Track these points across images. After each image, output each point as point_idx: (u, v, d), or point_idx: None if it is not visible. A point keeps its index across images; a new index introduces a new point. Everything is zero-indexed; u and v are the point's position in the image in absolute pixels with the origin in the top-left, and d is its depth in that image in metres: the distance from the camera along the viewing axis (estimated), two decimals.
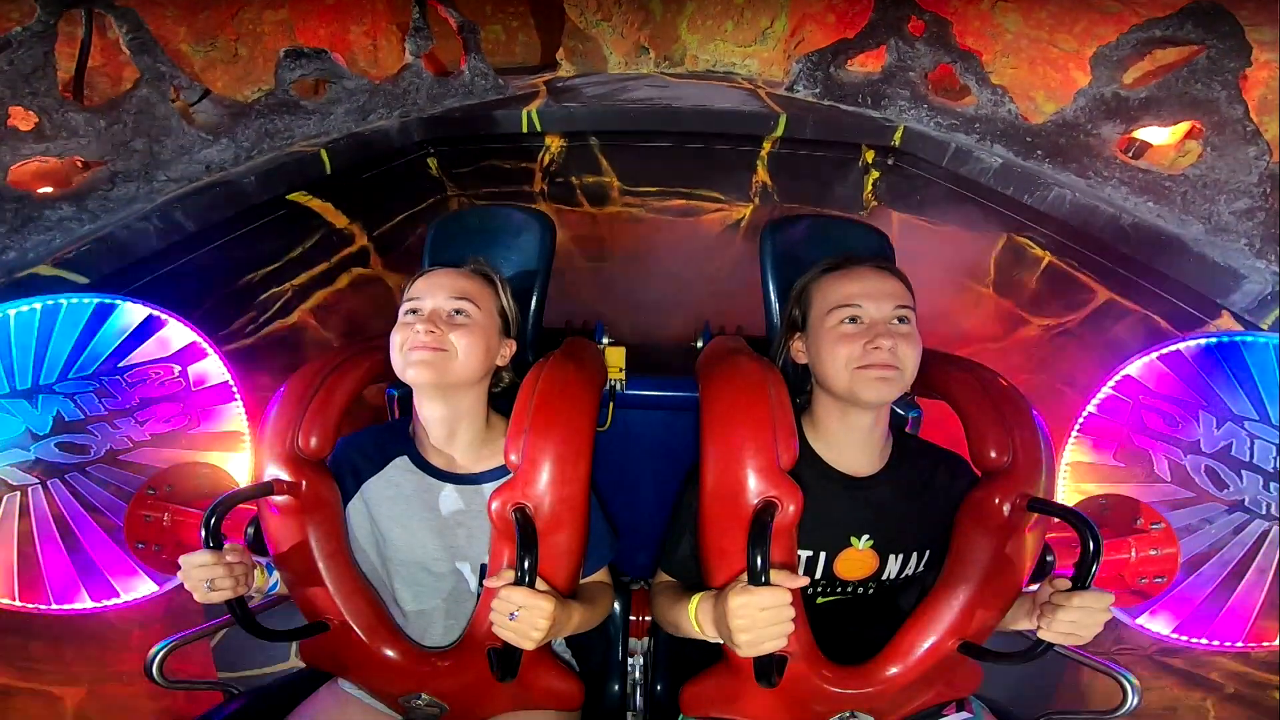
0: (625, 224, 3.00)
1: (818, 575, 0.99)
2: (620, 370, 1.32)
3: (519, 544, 0.88)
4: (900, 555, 0.99)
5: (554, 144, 2.84)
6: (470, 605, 1.04)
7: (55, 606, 1.27)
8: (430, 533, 1.03)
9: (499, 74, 2.97)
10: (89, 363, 1.31)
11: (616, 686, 1.26)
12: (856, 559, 0.99)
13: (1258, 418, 1.28)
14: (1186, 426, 1.32)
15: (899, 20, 2.60)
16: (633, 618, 1.28)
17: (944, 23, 2.53)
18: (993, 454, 0.95)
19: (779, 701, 0.93)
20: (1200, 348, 1.33)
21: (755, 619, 0.79)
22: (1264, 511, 1.28)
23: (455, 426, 1.03)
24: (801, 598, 0.90)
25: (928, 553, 1.00)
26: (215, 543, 0.88)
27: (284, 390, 1.04)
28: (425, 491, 1.04)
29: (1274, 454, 1.27)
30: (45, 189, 1.77)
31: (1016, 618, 0.95)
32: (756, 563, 0.79)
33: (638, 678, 1.27)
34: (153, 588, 1.31)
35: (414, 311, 1.01)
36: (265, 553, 1.02)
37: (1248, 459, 1.29)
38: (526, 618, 0.86)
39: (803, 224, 1.28)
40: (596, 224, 3.00)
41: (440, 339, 0.97)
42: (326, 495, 1.00)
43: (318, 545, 0.98)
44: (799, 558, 0.97)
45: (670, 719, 1.08)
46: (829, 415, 0.98)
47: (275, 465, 0.98)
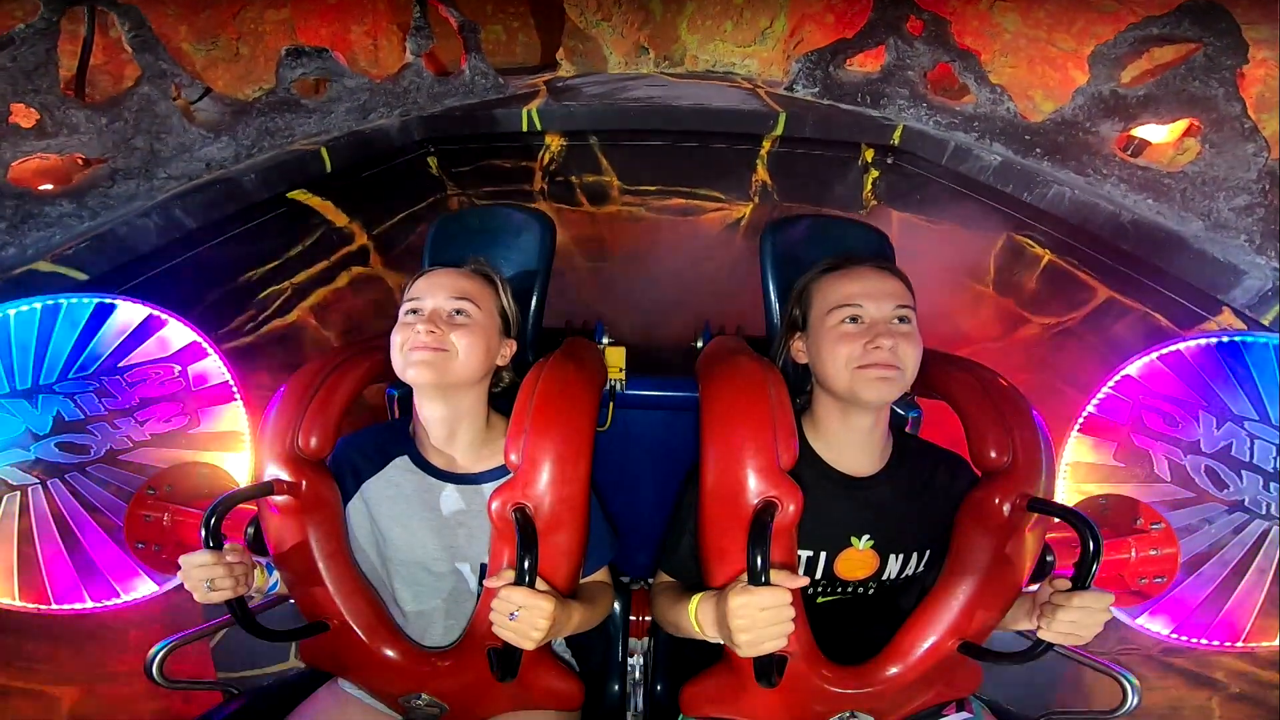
0: (625, 223, 3.00)
1: (818, 575, 0.99)
2: (620, 370, 1.32)
3: (519, 544, 0.88)
4: (900, 555, 0.99)
5: (554, 143, 2.84)
6: (470, 605, 1.04)
7: (55, 606, 1.27)
8: (430, 532, 1.03)
9: (499, 74, 2.97)
10: (89, 363, 1.31)
11: (616, 686, 1.26)
12: (857, 559, 0.99)
13: (1258, 418, 1.28)
14: (1186, 426, 1.32)
15: (898, 20, 2.59)
16: (633, 618, 1.28)
17: (943, 22, 2.52)
18: (993, 454, 0.95)
19: (779, 701, 0.93)
20: (1200, 348, 1.33)
21: (755, 619, 0.79)
22: (1264, 511, 1.28)
23: (455, 426, 1.03)
24: (801, 598, 0.90)
25: (928, 553, 1.00)
26: (215, 543, 0.88)
27: (284, 390, 1.04)
28: (425, 491, 1.04)
29: (1274, 454, 1.27)
30: (46, 186, 1.77)
31: (1016, 618, 0.95)
32: (756, 563, 0.79)
33: (638, 678, 1.27)
34: (153, 588, 1.31)
35: (414, 311, 1.01)
36: (265, 553, 1.02)
37: (1248, 459, 1.29)
38: (526, 618, 0.86)
39: (803, 224, 1.28)
40: (596, 223, 2.99)
41: (441, 339, 0.97)
42: (326, 495, 1.00)
43: (318, 545, 0.98)
44: (799, 558, 0.97)
45: (670, 719, 1.08)
46: (829, 415, 0.98)
47: (275, 465, 0.98)
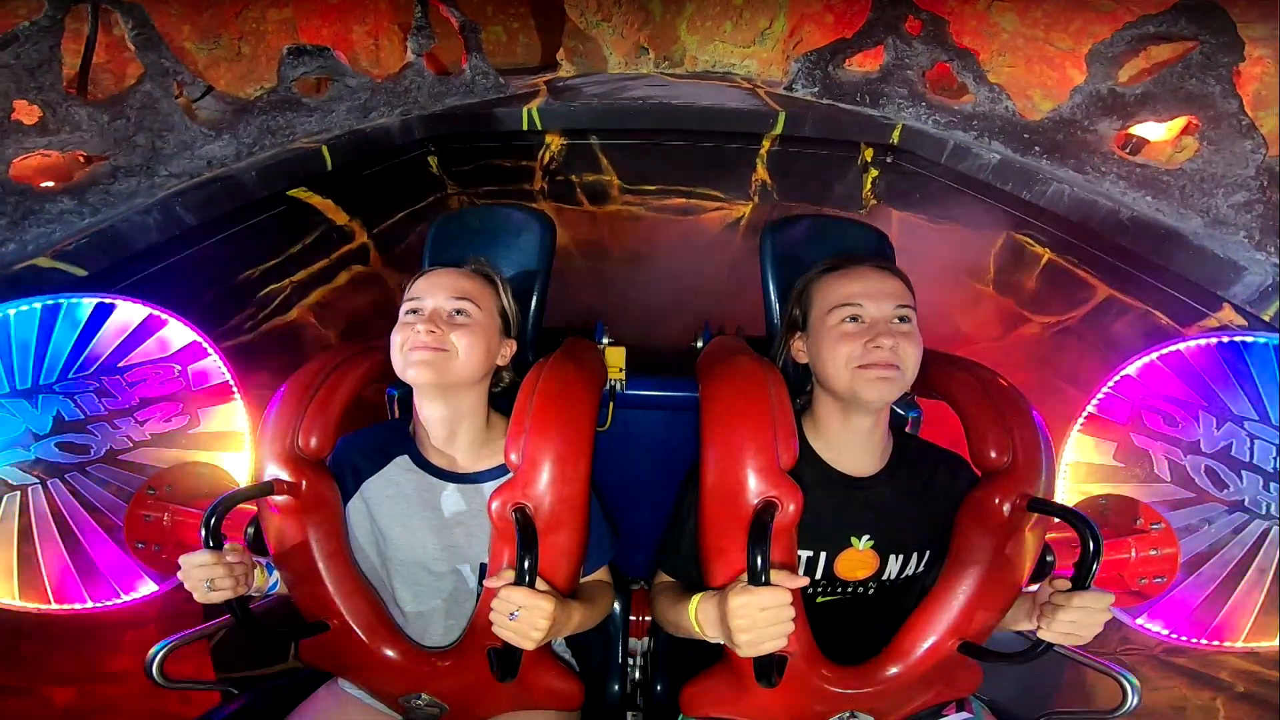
0: (625, 222, 3.00)
1: (818, 575, 1.00)
2: (620, 370, 1.32)
3: (519, 544, 0.88)
4: (900, 555, 0.99)
5: (554, 142, 2.84)
6: (470, 605, 1.04)
7: (55, 606, 1.27)
8: (430, 532, 1.03)
9: (500, 74, 2.96)
10: (89, 363, 1.31)
11: (616, 686, 1.26)
12: (857, 559, 0.99)
13: (1258, 418, 1.28)
14: (1186, 426, 1.32)
15: (896, 19, 2.60)
16: (633, 618, 1.28)
17: (941, 21, 2.53)
18: (993, 454, 0.95)
19: (779, 701, 0.93)
20: (1200, 348, 1.33)
21: (755, 619, 0.79)
22: (1264, 511, 1.28)
23: (456, 426, 1.03)
24: (801, 598, 0.90)
25: (928, 553, 1.00)
26: (215, 543, 0.88)
27: (284, 390, 1.04)
28: (425, 491, 1.04)
29: (1274, 454, 1.27)
30: (47, 184, 1.77)
31: (1016, 618, 0.95)
32: (756, 563, 0.79)
33: (638, 678, 1.27)
34: (152, 587, 1.31)
35: (414, 311, 1.01)
36: (265, 553, 1.02)
37: (1248, 459, 1.29)
38: (526, 618, 0.86)
39: (803, 224, 1.28)
40: (596, 222, 2.99)
41: (441, 339, 0.97)
42: (326, 495, 1.00)
43: (318, 545, 0.98)
44: (799, 558, 0.97)
45: (670, 719, 1.08)
46: (830, 416, 0.98)
47: (275, 465, 0.98)
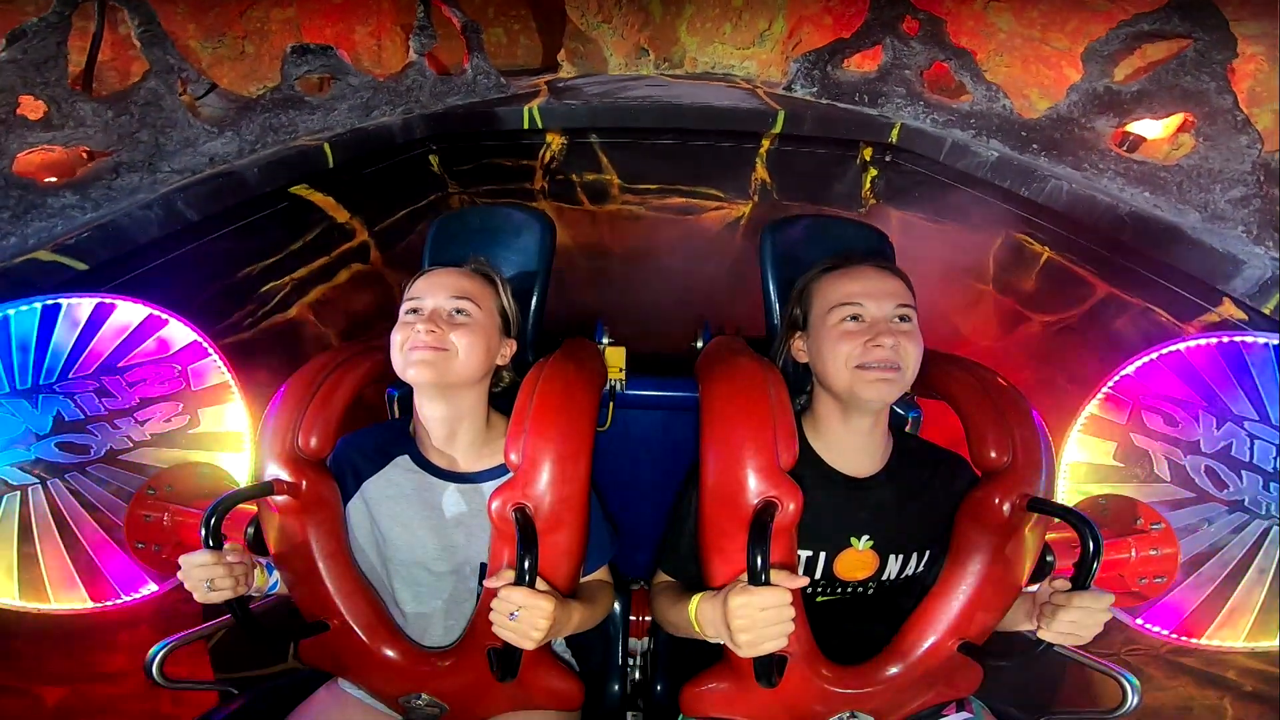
0: (625, 222, 3.00)
1: (817, 575, 1.00)
2: (620, 370, 1.32)
3: (519, 544, 0.88)
4: (900, 555, 0.99)
5: (555, 141, 2.84)
6: (470, 605, 1.04)
7: (55, 606, 1.27)
8: (430, 532, 1.03)
9: (501, 75, 2.96)
10: (89, 363, 1.31)
11: (616, 686, 1.26)
12: (856, 559, 0.99)
13: (1258, 418, 1.28)
14: (1186, 426, 1.32)
15: (894, 19, 2.61)
16: (633, 618, 1.28)
17: (938, 21, 2.55)
18: (993, 454, 0.95)
19: (779, 701, 0.93)
20: (1200, 348, 1.33)
21: (755, 619, 0.79)
22: (1264, 511, 1.28)
23: (456, 426, 1.03)
24: (801, 597, 0.90)
25: (928, 553, 1.00)
26: (215, 543, 0.88)
27: (284, 390, 1.04)
28: (425, 491, 1.04)
29: (1274, 454, 1.27)
30: (50, 180, 1.77)
31: (1016, 618, 0.95)
32: (756, 563, 0.79)
33: (637, 678, 1.27)
34: (152, 587, 1.31)
35: (414, 311, 1.01)
36: (265, 553, 1.02)
37: (1248, 459, 1.28)
38: (526, 618, 0.86)
39: (802, 224, 1.28)
40: (596, 222, 2.99)
41: (441, 338, 0.97)
42: (326, 495, 1.00)
43: (318, 545, 0.98)
44: (799, 558, 0.97)
45: (670, 719, 1.08)
46: (830, 416, 0.98)
47: (275, 465, 0.98)
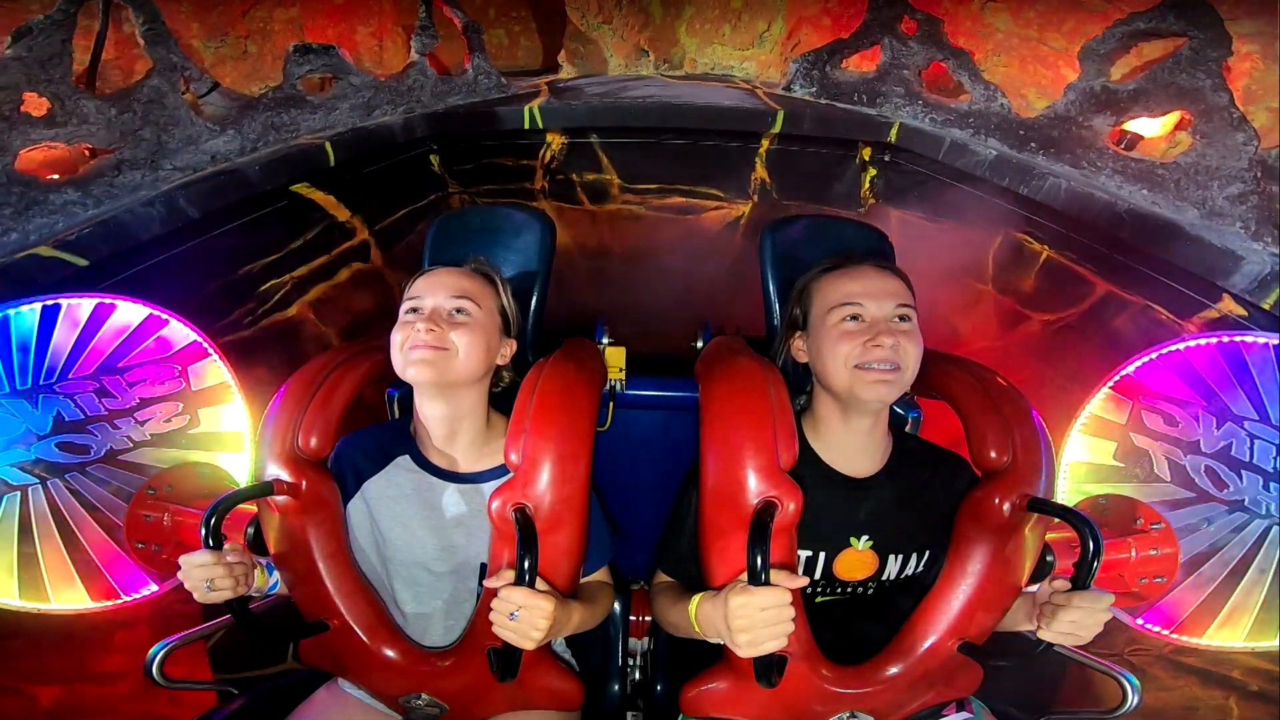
0: (625, 221, 3.00)
1: (817, 575, 1.00)
2: (620, 370, 1.32)
3: (519, 544, 0.88)
4: (900, 556, 0.99)
5: (555, 141, 2.84)
6: (470, 606, 1.04)
7: (55, 606, 1.27)
8: (430, 533, 1.03)
9: (502, 75, 2.97)
10: (89, 363, 1.31)
11: (616, 686, 1.26)
12: (856, 559, 0.99)
13: (1258, 418, 1.28)
14: (1186, 426, 1.32)
15: (892, 20, 2.63)
16: (633, 618, 1.28)
17: (936, 21, 2.56)
18: (993, 454, 0.95)
19: (779, 701, 0.93)
20: (1200, 348, 1.33)
21: (755, 619, 0.79)
22: (1264, 511, 1.28)
23: (456, 426, 1.03)
24: (801, 597, 0.90)
25: (927, 553, 1.00)
26: (215, 543, 0.88)
27: (284, 390, 1.04)
28: (426, 491, 1.04)
29: (1274, 454, 1.27)
30: (52, 177, 1.77)
31: (1017, 618, 0.95)
32: (756, 563, 0.79)
33: (638, 678, 1.27)
34: (152, 588, 1.31)
35: (414, 310, 1.01)
36: (265, 553, 1.02)
37: (1248, 459, 1.28)
38: (526, 618, 0.86)
39: (802, 224, 1.28)
40: (596, 221, 2.99)
41: (441, 338, 0.97)
42: (326, 495, 1.00)
43: (318, 545, 0.98)
44: (799, 558, 0.97)
45: (670, 719, 1.08)
46: (830, 416, 0.98)
47: (275, 465, 0.98)
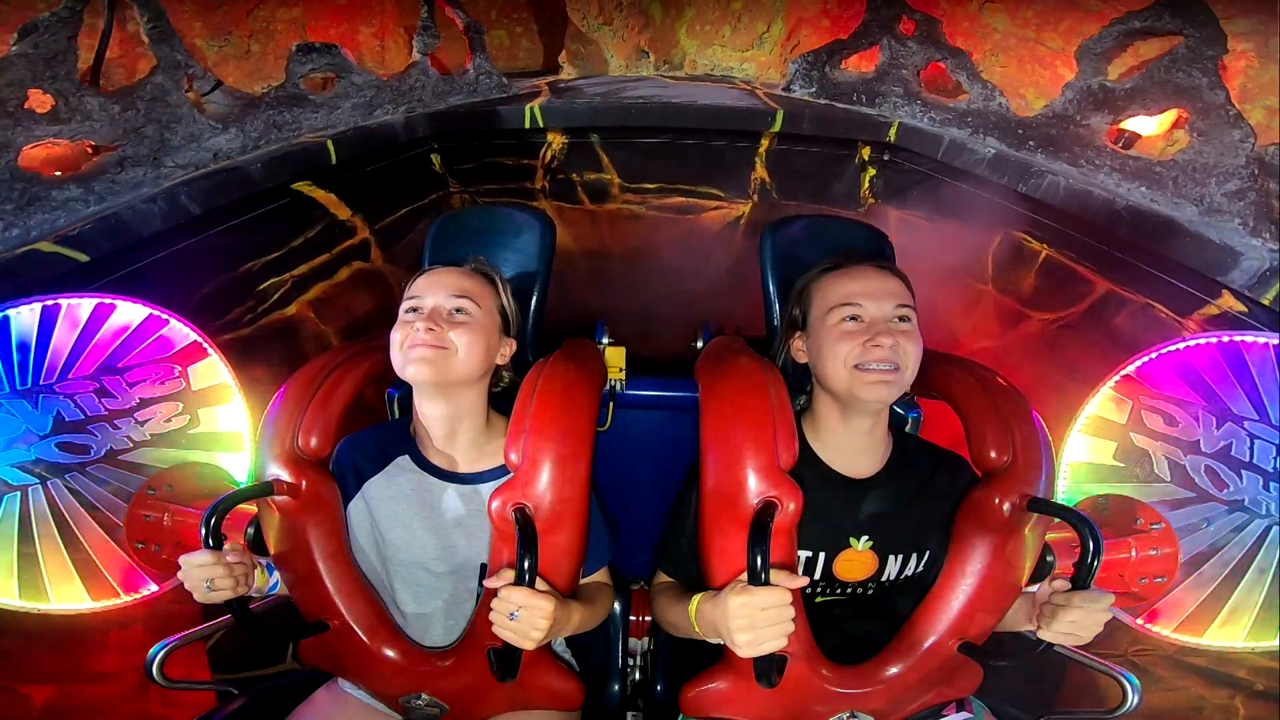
0: (625, 221, 3.00)
1: (817, 576, 0.99)
2: (620, 370, 1.32)
3: (519, 544, 0.88)
4: (900, 556, 0.99)
5: (556, 141, 2.84)
6: (470, 606, 1.04)
7: (55, 606, 1.27)
8: (430, 533, 1.03)
9: (503, 76, 2.97)
10: (89, 363, 1.31)
11: (616, 686, 1.26)
12: (856, 560, 0.99)
13: (1258, 418, 1.28)
14: (1186, 426, 1.32)
15: (891, 20, 2.64)
16: (633, 618, 1.28)
17: (934, 21, 2.57)
18: (993, 454, 0.95)
19: (779, 701, 0.93)
20: (1200, 348, 1.33)
21: (755, 619, 0.79)
22: (1264, 511, 1.28)
23: (456, 425, 1.03)
24: (801, 598, 0.90)
25: (927, 553, 1.00)
26: (215, 543, 0.88)
27: (284, 390, 1.04)
28: (425, 491, 1.04)
29: (1274, 454, 1.27)
30: (55, 174, 1.78)
31: (1017, 618, 0.95)
32: (756, 563, 0.79)
33: (637, 678, 1.27)
34: (152, 587, 1.31)
35: (414, 310, 1.01)
36: (265, 553, 1.02)
37: (1248, 459, 1.28)
38: (527, 618, 0.86)
39: (802, 224, 1.28)
40: (597, 221, 3.00)
41: (440, 337, 0.97)
42: (327, 495, 1.00)
43: (318, 545, 0.98)
44: (798, 558, 0.97)
45: (670, 719, 1.08)
46: (830, 416, 0.98)
47: (275, 465, 0.98)
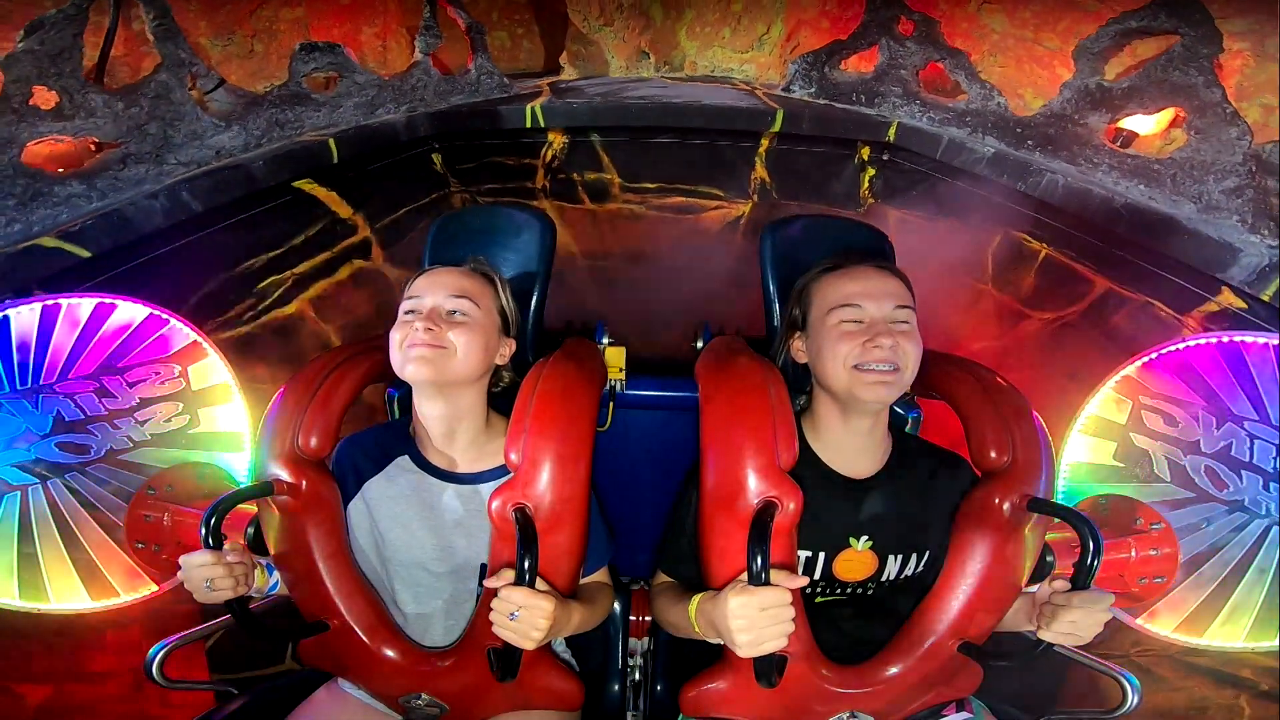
0: (626, 221, 3.00)
1: (816, 576, 0.99)
2: (620, 370, 1.32)
3: (519, 544, 0.88)
4: (899, 556, 0.99)
5: (556, 140, 2.84)
6: (470, 606, 1.04)
7: (55, 606, 1.27)
8: (429, 533, 1.03)
9: (504, 76, 2.97)
10: (89, 363, 1.31)
11: (616, 686, 1.26)
12: (856, 560, 0.99)
13: (1258, 418, 1.28)
14: (1186, 426, 1.32)
15: (889, 21, 2.64)
16: (633, 618, 1.28)
17: (933, 22, 2.58)
18: (993, 454, 0.95)
19: (779, 701, 0.93)
20: (1200, 348, 1.33)
21: (755, 619, 0.79)
22: (1264, 511, 1.28)
23: (455, 425, 1.03)
24: (801, 598, 0.90)
25: (927, 553, 1.00)
26: (215, 542, 0.88)
27: (285, 390, 1.04)
28: (425, 491, 1.04)
29: (1274, 454, 1.27)
30: (57, 170, 1.78)
31: (1017, 619, 0.95)
32: (756, 563, 0.79)
33: (638, 678, 1.27)
34: (152, 587, 1.31)
35: (413, 310, 1.01)
36: (265, 553, 1.02)
37: (1248, 459, 1.28)
38: (527, 618, 0.86)
39: (802, 224, 1.28)
40: (597, 221, 3.00)
41: (439, 337, 0.97)
42: (326, 495, 1.00)
43: (318, 545, 0.98)
44: (798, 558, 0.97)
45: (670, 719, 1.08)
46: (829, 417, 0.98)
47: (275, 465, 0.98)
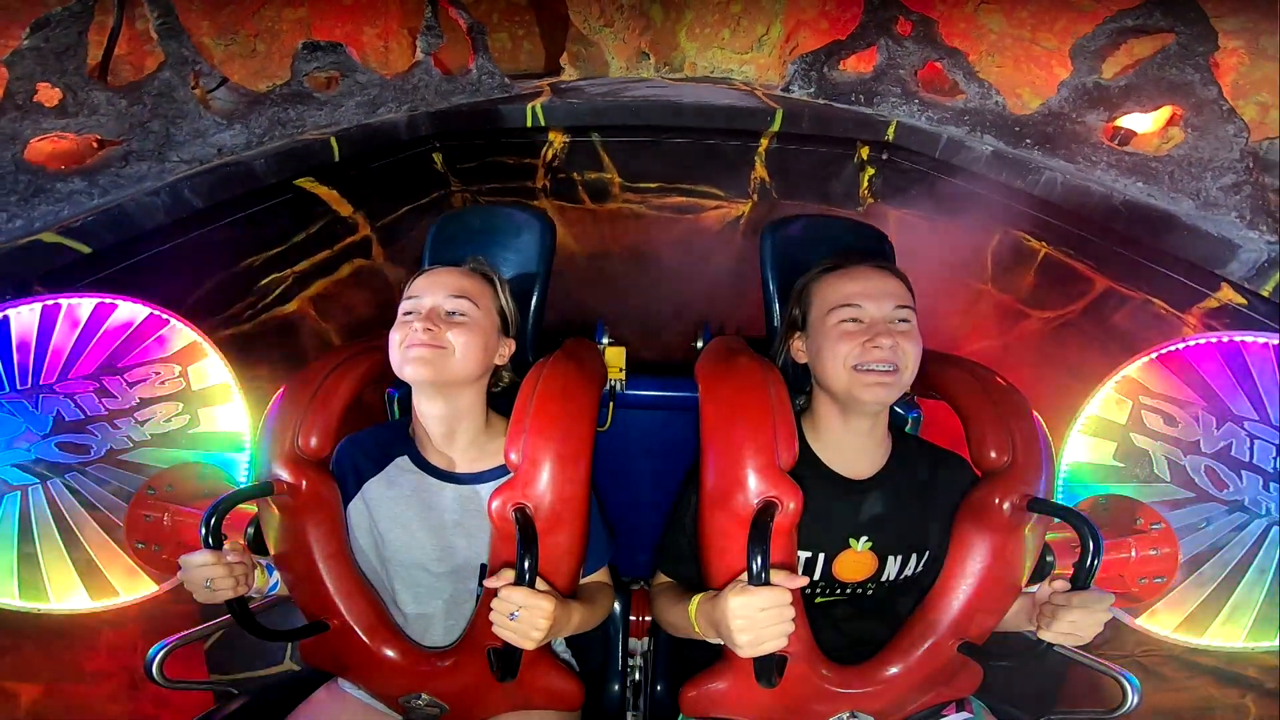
0: (626, 220, 3.00)
1: (816, 576, 0.99)
2: (620, 370, 1.33)
3: (519, 544, 0.88)
4: (899, 556, 0.99)
5: (557, 140, 2.84)
6: (470, 606, 1.04)
7: (55, 606, 1.27)
8: (429, 534, 1.03)
9: (505, 77, 2.98)
10: (89, 363, 1.31)
11: (616, 686, 1.26)
12: (855, 560, 0.99)
13: (1258, 418, 1.28)
14: (1186, 426, 1.32)
15: (888, 21, 2.66)
16: (633, 618, 1.28)
17: (931, 22, 2.59)
18: (993, 454, 0.95)
19: (779, 701, 0.93)
20: (1200, 348, 1.33)
21: (755, 619, 0.79)
22: (1264, 511, 1.28)
23: (454, 425, 1.03)
24: (801, 598, 0.90)
25: (927, 554, 1.00)
26: (215, 542, 0.88)
27: (285, 390, 1.04)
28: (425, 491, 1.04)
29: (1274, 454, 1.27)
30: (60, 167, 1.78)
31: (1017, 619, 0.95)
32: (756, 563, 0.79)
33: (638, 678, 1.27)
34: (153, 587, 1.31)
35: (413, 310, 1.01)
36: (265, 553, 1.02)
37: (1248, 459, 1.28)
38: (527, 618, 0.86)
39: (802, 224, 1.28)
40: (597, 220, 3.00)
41: (438, 337, 0.97)
42: (326, 495, 1.00)
43: (318, 545, 0.98)
44: (798, 558, 0.97)
45: (670, 719, 1.08)
46: (829, 417, 0.98)
47: (275, 465, 0.98)
